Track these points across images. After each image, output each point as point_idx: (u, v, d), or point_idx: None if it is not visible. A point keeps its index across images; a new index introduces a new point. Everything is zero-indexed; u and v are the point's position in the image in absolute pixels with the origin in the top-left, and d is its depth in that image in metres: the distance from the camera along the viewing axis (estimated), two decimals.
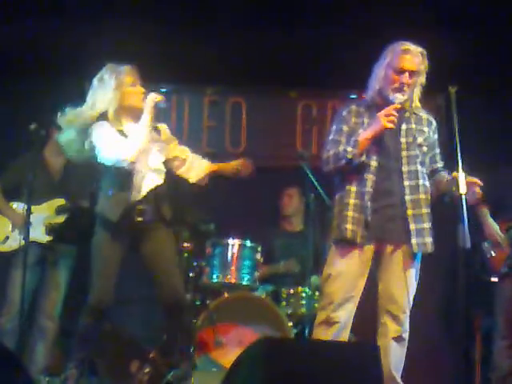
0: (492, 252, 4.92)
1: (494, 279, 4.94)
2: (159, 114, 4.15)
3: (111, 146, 3.96)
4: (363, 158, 3.84)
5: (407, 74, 3.83)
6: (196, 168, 4.33)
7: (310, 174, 4.81)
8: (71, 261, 4.95)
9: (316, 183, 4.81)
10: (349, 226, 3.83)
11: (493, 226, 4.93)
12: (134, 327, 5.49)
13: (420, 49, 3.88)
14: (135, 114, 4.11)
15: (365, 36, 5.58)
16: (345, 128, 3.93)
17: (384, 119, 3.77)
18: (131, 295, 5.43)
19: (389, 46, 3.92)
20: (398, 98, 3.84)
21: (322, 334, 3.87)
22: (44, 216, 4.81)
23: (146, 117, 4.04)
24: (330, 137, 3.98)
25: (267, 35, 5.80)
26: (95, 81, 4.11)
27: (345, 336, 3.89)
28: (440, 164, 4.05)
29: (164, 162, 4.20)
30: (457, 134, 3.70)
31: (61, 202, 4.84)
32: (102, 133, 3.98)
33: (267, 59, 5.90)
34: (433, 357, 5.71)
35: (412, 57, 3.85)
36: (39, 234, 4.77)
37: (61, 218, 4.77)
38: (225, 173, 4.41)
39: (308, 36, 5.81)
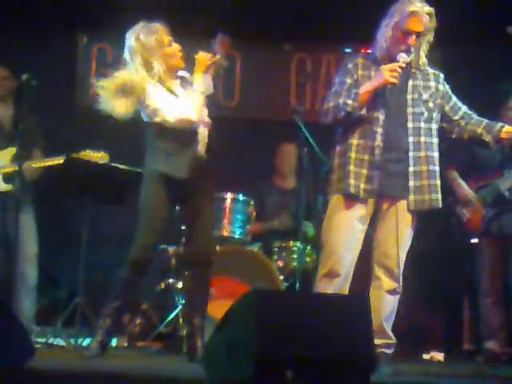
0: (466, 213, 4.95)
1: (474, 240, 5.00)
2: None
3: (172, 106, 3.94)
4: (363, 111, 3.81)
5: (414, 36, 3.80)
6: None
7: (303, 129, 4.78)
8: (31, 205, 4.92)
9: (309, 137, 4.79)
10: (351, 181, 3.82)
11: (464, 187, 4.98)
12: None
13: (427, 8, 3.81)
14: (175, 73, 4.09)
15: None
16: (348, 80, 3.90)
17: (387, 73, 3.74)
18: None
19: (396, 4, 3.85)
20: (403, 57, 3.79)
21: (325, 287, 3.89)
22: None
23: (202, 77, 4.01)
24: (333, 89, 3.94)
25: None
26: (132, 41, 3.97)
27: (346, 288, 3.91)
28: (465, 108, 4.03)
29: None
30: None
31: (13, 150, 4.76)
32: (159, 94, 3.95)
33: (262, 12, 5.85)
34: (422, 313, 5.75)
35: (419, 18, 3.79)
36: None
37: (15, 166, 4.64)
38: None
39: None
